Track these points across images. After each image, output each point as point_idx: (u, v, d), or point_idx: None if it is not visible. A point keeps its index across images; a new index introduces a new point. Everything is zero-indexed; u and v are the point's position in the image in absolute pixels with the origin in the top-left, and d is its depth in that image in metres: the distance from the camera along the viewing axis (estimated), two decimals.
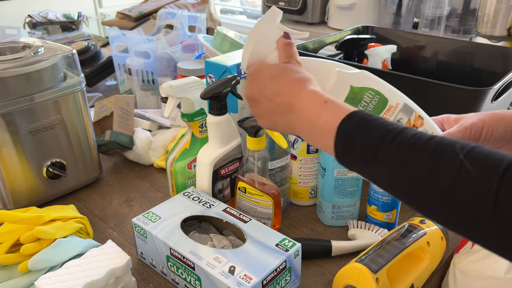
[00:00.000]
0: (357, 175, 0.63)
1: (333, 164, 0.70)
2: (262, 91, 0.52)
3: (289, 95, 0.49)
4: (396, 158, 0.39)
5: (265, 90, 0.52)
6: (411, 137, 0.38)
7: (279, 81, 0.51)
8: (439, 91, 0.73)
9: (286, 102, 0.49)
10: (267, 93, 0.51)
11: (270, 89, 0.51)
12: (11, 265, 0.61)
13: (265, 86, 0.52)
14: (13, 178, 0.75)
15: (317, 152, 0.76)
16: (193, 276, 0.59)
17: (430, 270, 0.64)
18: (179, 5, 1.67)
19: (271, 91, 0.51)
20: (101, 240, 0.72)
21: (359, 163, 0.42)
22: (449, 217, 0.36)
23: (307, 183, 0.79)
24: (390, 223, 0.73)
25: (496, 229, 0.33)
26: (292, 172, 0.78)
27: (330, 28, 2.08)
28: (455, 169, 0.35)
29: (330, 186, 0.72)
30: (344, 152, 0.43)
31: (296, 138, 0.75)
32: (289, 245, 0.59)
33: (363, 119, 0.42)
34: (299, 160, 0.76)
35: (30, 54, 0.74)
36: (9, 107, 0.71)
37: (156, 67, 1.12)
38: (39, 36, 1.57)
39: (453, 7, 1.76)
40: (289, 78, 0.50)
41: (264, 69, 0.54)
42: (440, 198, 0.36)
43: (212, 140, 0.71)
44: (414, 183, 0.38)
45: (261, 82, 0.52)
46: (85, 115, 0.82)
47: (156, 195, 0.85)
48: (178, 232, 0.63)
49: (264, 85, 0.52)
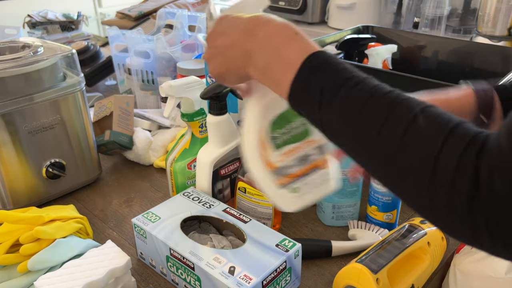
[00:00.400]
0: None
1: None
2: (229, 25, 0.47)
3: (257, 22, 0.45)
4: (352, 106, 0.38)
5: (233, 24, 0.47)
6: (372, 86, 0.38)
7: (248, 16, 0.47)
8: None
9: (251, 28, 0.45)
10: (234, 24, 0.47)
11: (238, 21, 0.47)
12: (10, 265, 0.61)
13: (234, 21, 0.47)
14: (12, 178, 0.75)
15: None
16: (193, 277, 0.58)
17: (430, 270, 0.64)
18: (179, 5, 1.66)
19: (239, 22, 0.46)
20: (100, 240, 0.72)
21: (313, 105, 0.40)
22: (394, 172, 0.36)
23: None
24: (391, 223, 0.72)
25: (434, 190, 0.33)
26: None
27: (330, 27, 2.07)
28: (406, 122, 0.34)
29: None
30: (300, 90, 0.41)
31: None
32: (289, 245, 0.59)
33: (329, 60, 0.40)
34: None
35: (30, 54, 0.74)
36: (9, 107, 0.71)
37: (156, 67, 1.12)
38: (38, 35, 1.57)
39: (454, 7, 1.76)
40: (258, 15, 0.47)
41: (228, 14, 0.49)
42: (388, 151, 0.35)
43: (212, 140, 0.71)
44: (366, 132, 0.37)
45: (230, 19, 0.48)
46: (84, 115, 0.82)
47: (156, 195, 0.85)
48: (178, 232, 0.62)
49: (233, 21, 0.47)
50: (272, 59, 0.43)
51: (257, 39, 0.44)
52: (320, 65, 0.40)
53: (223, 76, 0.49)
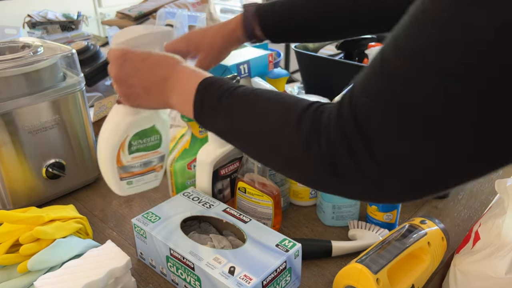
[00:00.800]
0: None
1: None
2: (136, 69, 0.56)
3: (166, 69, 0.56)
4: (230, 107, 0.48)
5: (140, 68, 0.56)
6: (242, 92, 0.49)
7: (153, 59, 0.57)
8: None
9: (163, 75, 0.55)
10: (143, 69, 0.56)
11: (145, 66, 0.56)
12: (10, 266, 0.61)
13: (139, 65, 0.56)
14: (12, 178, 0.75)
15: None
16: (193, 277, 0.58)
17: (430, 271, 0.63)
18: (179, 5, 1.66)
19: (147, 67, 0.56)
20: (100, 240, 0.72)
21: (208, 117, 0.51)
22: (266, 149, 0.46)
23: None
24: (391, 223, 0.72)
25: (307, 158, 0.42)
26: None
27: None
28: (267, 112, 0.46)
29: None
30: (198, 111, 0.51)
31: None
32: (289, 245, 0.59)
33: (212, 82, 0.51)
34: None
35: (30, 54, 0.74)
36: (9, 107, 0.71)
37: None
38: (38, 35, 1.57)
39: None
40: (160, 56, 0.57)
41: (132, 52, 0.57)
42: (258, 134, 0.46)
43: (212, 140, 0.71)
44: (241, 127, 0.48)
45: (133, 63, 0.56)
46: (84, 115, 0.82)
47: (156, 195, 0.85)
48: (177, 232, 0.62)
49: (137, 65, 0.56)
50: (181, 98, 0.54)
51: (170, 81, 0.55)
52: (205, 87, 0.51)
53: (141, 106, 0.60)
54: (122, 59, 0.57)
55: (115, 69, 0.57)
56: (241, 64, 0.77)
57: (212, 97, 0.50)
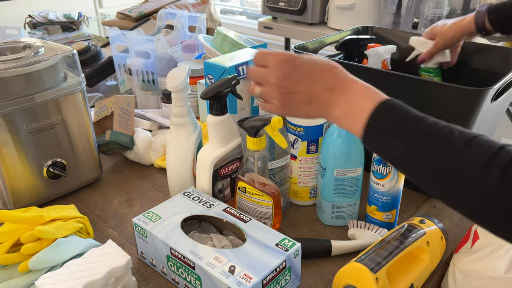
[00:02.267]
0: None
1: (333, 164, 0.70)
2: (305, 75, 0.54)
3: (332, 78, 0.54)
4: (415, 138, 0.46)
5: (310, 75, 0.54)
6: (430, 124, 0.46)
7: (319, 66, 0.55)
8: (438, 91, 0.73)
9: (328, 85, 0.53)
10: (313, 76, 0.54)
11: (314, 73, 0.54)
12: (11, 265, 0.61)
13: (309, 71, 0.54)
14: (13, 178, 0.75)
15: (317, 152, 0.76)
16: (193, 276, 0.59)
17: (429, 270, 0.64)
18: (179, 6, 1.67)
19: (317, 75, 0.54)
20: (101, 240, 0.73)
21: (384, 138, 0.49)
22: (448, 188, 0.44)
23: (307, 183, 0.79)
24: (390, 222, 0.73)
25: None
26: (292, 172, 0.79)
27: (330, 28, 2.08)
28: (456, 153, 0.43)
29: (330, 186, 0.72)
30: (372, 127, 0.49)
31: (296, 138, 0.75)
32: (289, 244, 0.60)
33: (394, 105, 0.49)
34: (299, 160, 0.76)
35: (31, 54, 0.75)
36: (10, 107, 0.71)
37: (156, 67, 1.12)
38: (39, 36, 1.57)
39: (453, 7, 1.76)
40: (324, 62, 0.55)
41: (301, 57, 0.55)
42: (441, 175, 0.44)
43: (212, 140, 0.71)
44: (423, 160, 0.45)
45: (303, 68, 0.55)
46: (85, 115, 0.82)
47: (156, 195, 0.85)
48: (178, 232, 0.63)
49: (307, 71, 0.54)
50: (348, 108, 0.52)
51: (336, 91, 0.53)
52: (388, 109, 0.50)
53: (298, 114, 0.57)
54: (293, 63, 0.54)
55: (280, 74, 0.54)
56: (240, 65, 0.78)
57: (396, 120, 0.48)
